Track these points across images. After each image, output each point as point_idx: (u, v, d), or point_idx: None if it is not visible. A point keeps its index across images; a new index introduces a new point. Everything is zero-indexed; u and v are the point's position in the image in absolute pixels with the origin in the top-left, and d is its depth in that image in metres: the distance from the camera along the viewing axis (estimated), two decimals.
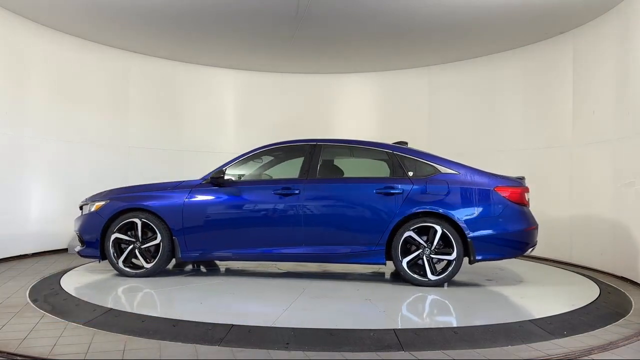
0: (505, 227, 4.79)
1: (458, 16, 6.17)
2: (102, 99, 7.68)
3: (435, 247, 4.78)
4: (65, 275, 5.22)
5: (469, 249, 4.73)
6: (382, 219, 4.87)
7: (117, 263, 5.20)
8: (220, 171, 5.19)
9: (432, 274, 4.78)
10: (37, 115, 6.75)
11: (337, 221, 4.98)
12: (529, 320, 3.69)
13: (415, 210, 4.81)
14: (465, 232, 4.72)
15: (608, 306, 4.28)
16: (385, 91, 9.00)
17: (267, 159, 5.61)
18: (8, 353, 2.97)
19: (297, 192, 5.00)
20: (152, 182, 5.65)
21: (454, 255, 4.73)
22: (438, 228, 4.75)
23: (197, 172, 8.42)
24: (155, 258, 5.15)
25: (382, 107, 9.05)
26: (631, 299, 4.58)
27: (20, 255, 6.47)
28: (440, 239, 4.76)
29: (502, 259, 5.00)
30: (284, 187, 5.05)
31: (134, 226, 5.19)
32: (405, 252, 4.85)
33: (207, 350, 3.07)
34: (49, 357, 2.93)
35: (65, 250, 7.08)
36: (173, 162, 8.43)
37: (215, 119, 8.96)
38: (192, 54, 8.17)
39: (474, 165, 6.21)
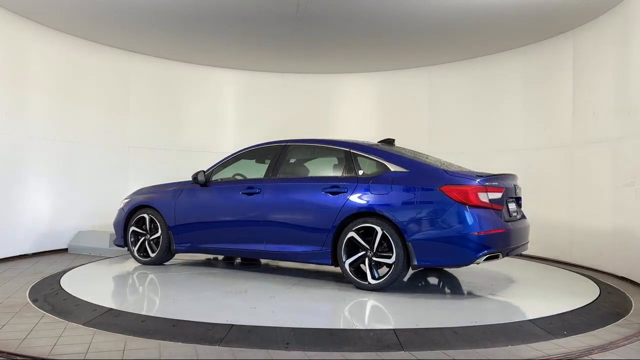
0: (448, 231, 4.26)
1: (458, 16, 6.17)
2: (102, 99, 7.68)
3: (377, 250, 4.49)
4: (65, 275, 5.22)
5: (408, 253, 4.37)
6: (327, 219, 4.74)
7: (133, 252, 5.96)
8: (200, 172, 5.64)
9: (373, 277, 4.51)
10: (37, 115, 6.75)
11: (290, 220, 5.03)
12: (529, 320, 3.68)
13: (356, 210, 4.60)
14: (405, 235, 4.37)
15: (608, 306, 4.28)
16: (385, 91, 9.00)
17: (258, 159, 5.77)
18: (8, 353, 2.97)
19: (258, 191, 5.21)
20: (166, 182, 6.25)
21: (392, 259, 4.40)
22: (378, 229, 4.46)
23: (197, 171, 8.43)
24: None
25: (382, 107, 9.05)
26: (631, 299, 4.58)
27: (20, 255, 6.47)
28: (382, 241, 4.47)
29: (444, 266, 4.59)
30: (248, 187, 5.31)
31: (145, 220, 5.90)
32: (353, 254, 4.62)
33: (207, 350, 3.07)
34: (49, 357, 2.93)
35: (65, 250, 7.08)
36: (173, 162, 8.43)
37: (215, 119, 8.96)
38: (192, 54, 8.17)
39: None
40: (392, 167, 4.69)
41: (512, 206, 4.73)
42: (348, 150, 5.00)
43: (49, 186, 6.93)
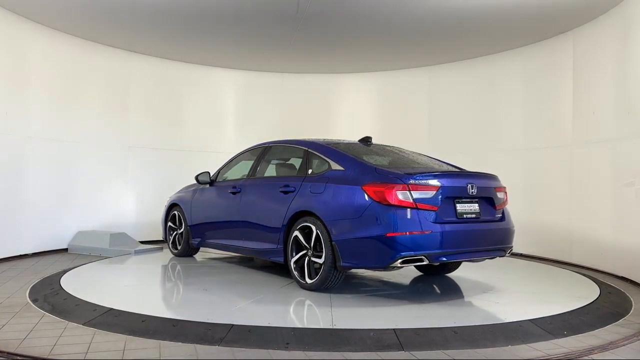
0: (366, 232, 4.09)
1: (458, 16, 6.17)
2: (102, 99, 7.68)
3: (314, 250, 4.46)
4: (65, 275, 5.22)
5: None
6: (279, 218, 4.83)
7: (168, 244, 6.75)
8: (205, 173, 6.12)
9: (310, 277, 4.49)
10: (37, 115, 6.75)
11: (255, 218, 5.23)
12: (529, 320, 3.68)
13: (299, 209, 4.63)
14: (331, 235, 4.27)
15: (608, 306, 4.28)
16: (385, 91, 9.00)
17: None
18: (8, 353, 2.97)
19: (239, 191, 5.53)
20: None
21: (322, 259, 4.35)
22: (314, 229, 4.43)
23: (197, 171, 8.46)
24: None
25: (382, 107, 9.05)
26: (631, 299, 4.58)
27: (20, 255, 6.47)
28: (317, 241, 4.41)
29: (366, 268, 4.40)
30: (232, 187, 5.66)
31: (176, 217, 6.60)
32: (299, 253, 4.64)
33: (207, 350, 3.07)
34: (49, 357, 2.93)
35: (65, 250, 7.08)
36: (173, 162, 8.44)
37: (215, 119, 8.96)
38: (192, 54, 8.17)
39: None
40: (333, 166, 4.65)
41: (464, 207, 4.32)
42: (306, 149, 5.07)
43: (49, 186, 6.93)
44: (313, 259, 4.47)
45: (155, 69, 8.29)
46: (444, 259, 4.16)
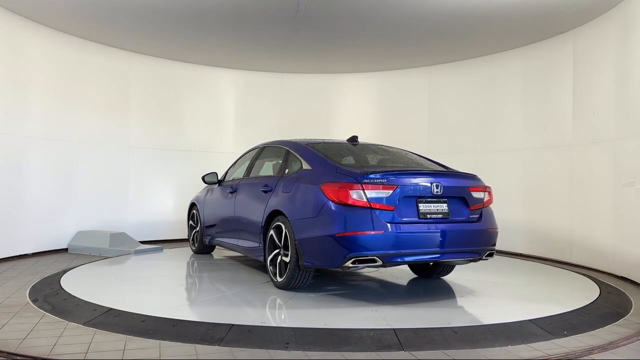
0: (320, 231, 4.07)
1: (458, 16, 6.17)
2: (102, 99, 7.68)
3: (284, 248, 4.48)
4: (65, 275, 5.22)
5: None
6: (260, 216, 4.92)
7: (189, 242, 7.03)
8: (212, 174, 6.34)
9: (280, 275, 4.54)
10: (37, 115, 6.75)
11: (245, 217, 5.36)
12: (529, 320, 3.68)
13: (273, 208, 4.68)
14: (294, 234, 4.30)
15: (608, 306, 4.28)
16: (385, 91, 9.00)
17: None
18: (8, 353, 2.97)
19: (235, 190, 5.71)
20: None
21: (288, 258, 4.38)
22: (284, 228, 4.47)
23: (197, 172, 8.47)
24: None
25: (382, 107, 9.05)
26: (631, 299, 4.58)
27: (20, 255, 6.47)
28: (287, 239, 4.43)
29: (323, 267, 4.32)
30: (231, 187, 5.84)
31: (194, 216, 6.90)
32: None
33: (207, 350, 3.07)
34: (49, 357, 2.93)
35: (65, 250, 7.08)
36: (173, 161, 8.44)
37: (216, 119, 8.96)
38: (192, 54, 8.17)
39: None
40: (304, 165, 4.66)
41: (428, 206, 4.18)
42: (287, 149, 5.11)
43: (49, 186, 6.93)
44: (283, 258, 4.51)
45: (155, 69, 8.29)
46: (400, 260, 4.04)
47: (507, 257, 6.98)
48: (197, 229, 6.75)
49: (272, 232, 4.66)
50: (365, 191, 3.99)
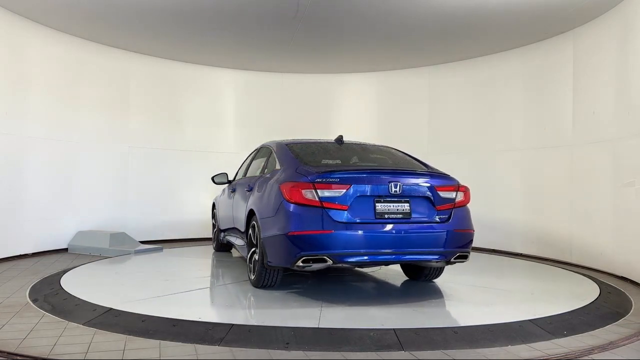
0: (278, 229, 4.07)
1: (458, 16, 6.17)
2: (102, 98, 7.68)
3: (257, 247, 4.51)
4: (65, 275, 5.22)
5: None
6: (243, 215, 5.06)
7: (213, 239, 7.36)
8: (222, 174, 6.46)
9: (252, 273, 4.64)
10: (37, 115, 6.75)
11: (237, 216, 5.48)
12: (529, 320, 3.68)
13: (250, 208, 4.78)
14: (261, 232, 4.34)
15: (608, 306, 4.28)
16: (385, 91, 9.00)
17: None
18: (8, 353, 2.97)
19: (234, 190, 5.87)
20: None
21: (257, 257, 4.46)
22: (256, 226, 4.52)
23: (197, 171, 8.48)
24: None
25: (382, 107, 9.05)
26: (631, 299, 4.58)
27: (20, 255, 6.47)
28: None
29: (282, 266, 4.21)
30: (233, 187, 6.01)
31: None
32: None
33: (207, 350, 3.07)
34: (49, 357, 2.93)
35: (65, 250, 7.08)
36: (173, 161, 8.44)
37: (216, 119, 8.96)
38: (192, 54, 8.17)
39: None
40: (277, 165, 4.72)
41: (387, 206, 4.08)
42: (271, 149, 5.18)
43: (49, 186, 6.93)
44: (255, 256, 4.57)
45: (155, 69, 8.29)
46: (351, 260, 3.96)
47: (507, 257, 6.98)
48: (216, 229, 7.08)
49: (250, 231, 4.78)
50: (318, 190, 3.96)
